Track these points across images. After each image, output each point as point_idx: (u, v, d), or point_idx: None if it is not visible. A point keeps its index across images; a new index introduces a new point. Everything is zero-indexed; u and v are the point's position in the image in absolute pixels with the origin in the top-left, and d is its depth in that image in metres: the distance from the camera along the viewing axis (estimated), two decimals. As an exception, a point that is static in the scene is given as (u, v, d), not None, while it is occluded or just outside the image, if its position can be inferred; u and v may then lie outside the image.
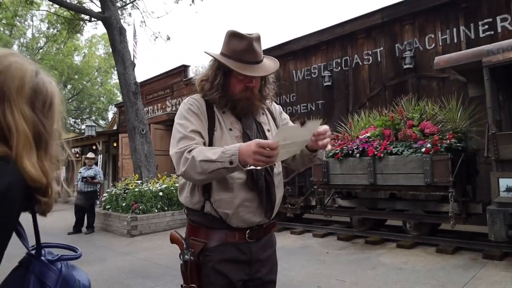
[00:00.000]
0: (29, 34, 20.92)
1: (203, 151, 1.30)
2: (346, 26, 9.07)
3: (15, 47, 20.44)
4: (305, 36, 9.94)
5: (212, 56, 1.49)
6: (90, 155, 8.85)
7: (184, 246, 1.45)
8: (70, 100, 23.41)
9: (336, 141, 6.37)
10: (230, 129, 1.46)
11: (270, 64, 1.51)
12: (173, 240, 1.52)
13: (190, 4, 12.40)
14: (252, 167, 1.26)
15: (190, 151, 1.32)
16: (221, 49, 1.49)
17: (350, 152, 5.78)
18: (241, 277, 1.42)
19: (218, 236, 1.40)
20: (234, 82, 1.46)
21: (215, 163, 1.24)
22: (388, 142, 5.45)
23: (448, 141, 4.93)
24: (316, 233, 6.37)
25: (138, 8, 13.93)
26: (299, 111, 9.90)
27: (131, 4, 12.19)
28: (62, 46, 20.98)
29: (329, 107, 9.39)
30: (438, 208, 5.24)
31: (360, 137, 5.95)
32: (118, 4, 11.17)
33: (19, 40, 20.55)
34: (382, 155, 5.37)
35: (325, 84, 9.33)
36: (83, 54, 23.65)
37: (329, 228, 6.62)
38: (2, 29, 18.68)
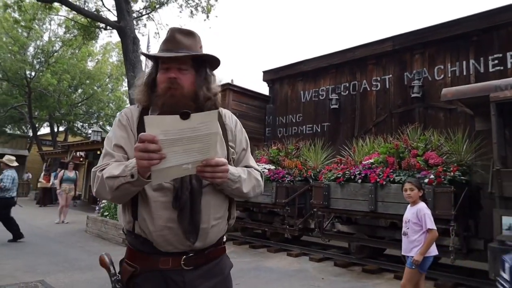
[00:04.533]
0: (45, 37, 21.33)
1: (111, 167, 1.18)
2: (356, 51, 9.16)
3: (30, 49, 20.82)
4: (315, 58, 10.05)
5: (144, 54, 1.57)
6: (5, 158, 7.75)
7: (112, 272, 1.31)
8: (79, 104, 23.64)
9: (339, 164, 6.34)
10: None
11: (194, 51, 1.34)
12: (101, 264, 1.38)
13: (205, 20, 12.60)
14: (157, 179, 1.09)
15: (103, 169, 1.21)
16: None
17: (352, 177, 5.74)
18: None
19: (150, 261, 1.25)
20: (159, 78, 1.34)
21: (118, 179, 1.12)
22: (391, 170, 5.40)
23: (452, 173, 4.87)
24: (313, 257, 6.25)
25: (153, 20, 14.23)
26: (304, 132, 9.91)
27: (146, 16, 12.45)
28: (77, 51, 21.32)
29: (334, 130, 9.39)
30: (439, 241, 5.12)
31: (363, 162, 5.91)
32: (134, 15, 11.40)
33: (35, 42, 20.94)
34: (384, 182, 5.31)
35: (332, 106, 9.36)
36: (96, 60, 24.01)
37: (327, 252, 6.50)
38: (20, 30, 19.08)
